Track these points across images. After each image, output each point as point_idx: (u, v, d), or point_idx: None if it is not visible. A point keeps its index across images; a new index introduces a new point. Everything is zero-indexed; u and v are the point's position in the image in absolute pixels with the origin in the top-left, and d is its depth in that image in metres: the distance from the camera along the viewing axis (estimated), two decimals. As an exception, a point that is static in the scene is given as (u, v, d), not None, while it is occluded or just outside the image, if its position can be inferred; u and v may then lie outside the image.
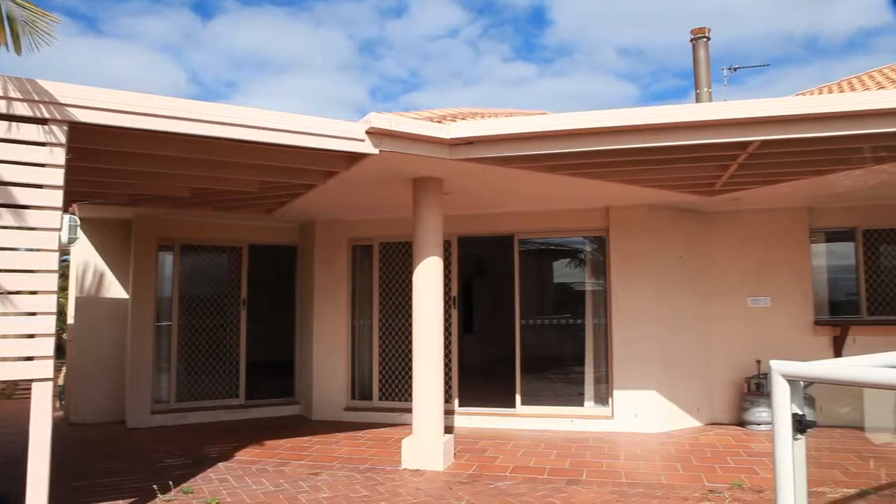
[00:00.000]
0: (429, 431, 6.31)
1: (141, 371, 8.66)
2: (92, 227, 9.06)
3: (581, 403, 8.37)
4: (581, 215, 8.32)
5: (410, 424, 6.46)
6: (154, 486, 5.50)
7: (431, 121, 5.64)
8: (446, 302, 7.97)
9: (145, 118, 4.36)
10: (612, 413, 7.98)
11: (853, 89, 9.25)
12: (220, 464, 6.48)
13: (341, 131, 5.09)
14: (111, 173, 5.77)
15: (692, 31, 12.25)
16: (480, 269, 13.71)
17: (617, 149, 5.28)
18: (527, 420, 8.15)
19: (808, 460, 2.16)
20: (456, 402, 8.53)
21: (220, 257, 9.61)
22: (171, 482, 5.70)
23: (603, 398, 8.23)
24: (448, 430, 7.01)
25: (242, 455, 6.85)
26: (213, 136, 4.63)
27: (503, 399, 8.51)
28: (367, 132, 5.15)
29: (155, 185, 6.51)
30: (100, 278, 9.15)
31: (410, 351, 6.59)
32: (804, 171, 6.22)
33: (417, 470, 6.20)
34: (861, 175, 6.44)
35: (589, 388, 8.40)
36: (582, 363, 8.48)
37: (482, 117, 7.03)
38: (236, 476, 6.03)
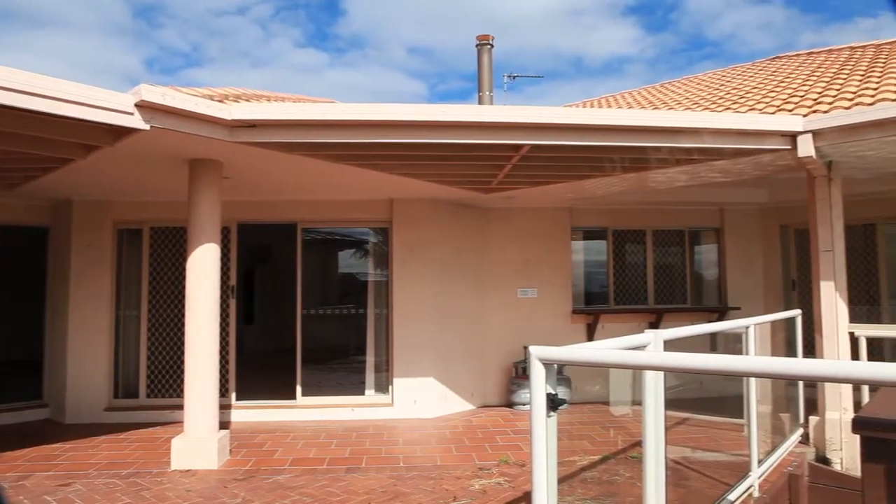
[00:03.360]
0: (202, 428, 5.95)
1: None
2: None
3: (362, 392, 8.48)
4: (366, 206, 8.40)
5: (182, 422, 6.04)
6: None
7: (212, 99, 5.29)
8: (224, 291, 7.57)
9: None
10: (393, 400, 8.20)
11: (609, 106, 10.49)
12: (-61, 481, 5.50)
13: (105, 101, 4.55)
14: None
15: (478, 38, 13.00)
16: (263, 258, 13.26)
17: (402, 142, 5.40)
18: (308, 411, 8.06)
19: (561, 434, 2.40)
20: (233, 395, 8.16)
21: (-55, 239, 8.12)
22: None
23: (383, 386, 8.42)
24: (224, 425, 6.69)
25: (-29, 469, 5.88)
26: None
27: (284, 391, 8.31)
28: (137, 105, 4.68)
29: None
30: None
31: (183, 343, 6.15)
32: (566, 174, 6.90)
33: (189, 470, 5.82)
34: (611, 182, 7.33)
35: (370, 376, 8.53)
36: (364, 352, 8.59)
37: (268, 101, 6.78)
38: (-39, 494, 5.16)
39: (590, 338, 9.16)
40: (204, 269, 6.03)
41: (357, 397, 8.39)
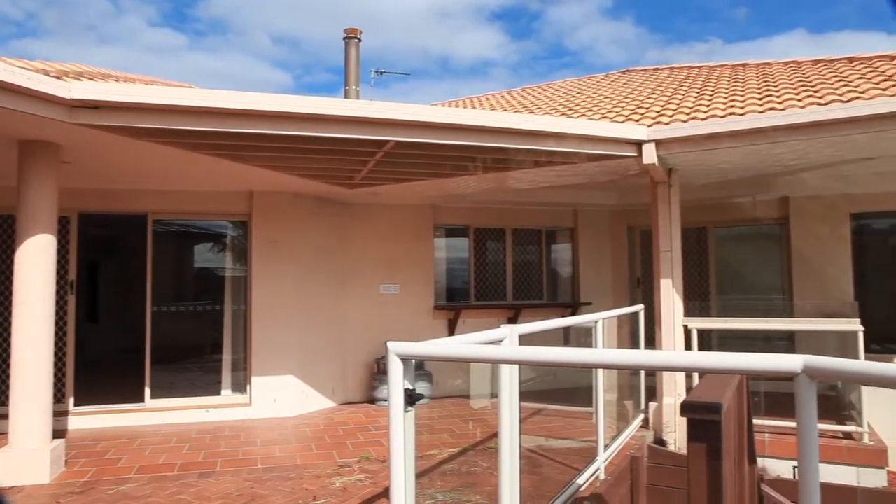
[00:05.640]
0: (31, 438, 5.40)
1: None
2: None
3: (218, 392, 8.11)
4: (224, 198, 8.03)
5: (7, 433, 5.45)
6: None
7: (48, 74, 4.81)
8: (61, 287, 6.93)
9: None
10: (251, 400, 7.91)
11: (474, 107, 10.76)
12: None
13: (-88, 70, 4.01)
14: None
15: (345, 31, 12.82)
16: (109, 251, 12.27)
17: (263, 133, 5.20)
18: (158, 414, 7.58)
19: (422, 428, 2.43)
20: (71, 400, 7.47)
21: None
22: None
23: (241, 386, 8.09)
24: (60, 434, 6.14)
25: None
26: None
27: (130, 393, 7.75)
28: (-47, 76, 4.15)
29: None
30: None
31: (9, 345, 5.55)
32: (430, 172, 6.99)
33: (14, 487, 5.25)
34: (474, 181, 7.52)
35: (227, 376, 8.18)
36: (220, 351, 8.22)
37: (116, 80, 6.28)
38: None
39: (451, 333, 9.35)
40: (36, 263, 5.47)
41: (212, 398, 8.00)
